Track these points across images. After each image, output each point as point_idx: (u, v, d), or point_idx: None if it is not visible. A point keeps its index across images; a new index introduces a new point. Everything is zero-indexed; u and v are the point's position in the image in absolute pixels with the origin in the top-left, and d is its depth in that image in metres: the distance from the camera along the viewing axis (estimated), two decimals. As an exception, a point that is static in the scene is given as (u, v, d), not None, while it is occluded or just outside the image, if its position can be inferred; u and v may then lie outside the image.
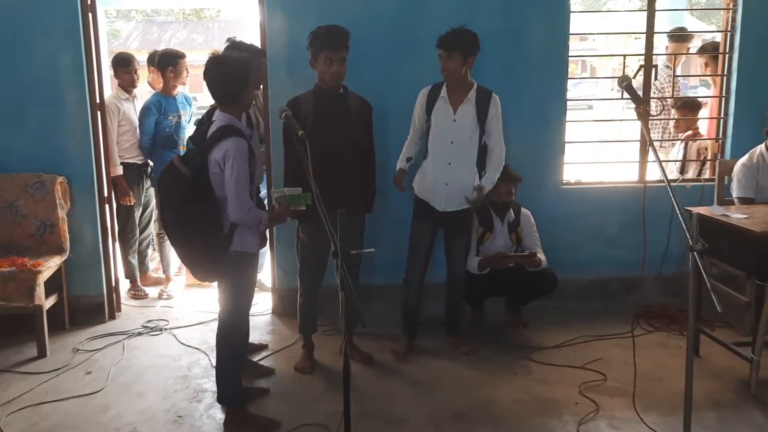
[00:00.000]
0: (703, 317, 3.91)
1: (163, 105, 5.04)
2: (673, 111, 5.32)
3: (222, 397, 3.31)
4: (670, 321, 4.41)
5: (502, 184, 4.14)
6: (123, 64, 5.06)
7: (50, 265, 4.16)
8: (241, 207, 2.93)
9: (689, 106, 5.23)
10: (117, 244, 4.85)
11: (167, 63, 5.06)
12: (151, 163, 5.20)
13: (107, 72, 5.05)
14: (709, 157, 5.05)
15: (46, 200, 4.29)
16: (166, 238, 5.18)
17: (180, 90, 5.21)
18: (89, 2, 4.35)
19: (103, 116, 4.56)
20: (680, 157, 5.19)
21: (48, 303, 4.17)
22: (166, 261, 5.32)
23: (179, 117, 5.09)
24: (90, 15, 4.36)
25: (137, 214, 5.18)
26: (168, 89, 5.10)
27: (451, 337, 4.15)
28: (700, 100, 5.41)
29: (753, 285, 3.46)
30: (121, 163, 4.97)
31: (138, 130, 5.06)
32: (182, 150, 4.82)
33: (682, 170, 5.13)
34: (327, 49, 3.52)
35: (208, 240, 3.00)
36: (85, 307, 4.55)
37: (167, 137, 5.02)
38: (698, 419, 3.00)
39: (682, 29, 5.78)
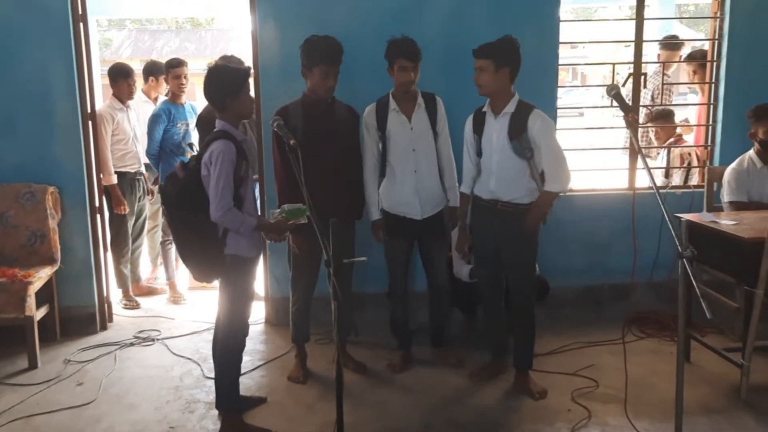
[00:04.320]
0: (694, 323, 3.93)
1: (172, 113, 5.13)
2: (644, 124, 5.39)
3: (219, 403, 3.32)
4: (661, 327, 4.43)
5: None
6: (123, 75, 5.09)
7: (41, 276, 4.14)
8: (220, 207, 2.97)
9: (662, 116, 5.28)
10: (108, 254, 4.83)
11: (166, 69, 5.23)
12: (145, 173, 5.25)
13: (99, 81, 5.06)
14: (693, 163, 5.10)
15: (37, 210, 4.28)
16: (170, 245, 5.24)
17: (186, 100, 5.32)
18: (80, 12, 4.36)
19: (94, 126, 4.56)
20: (664, 164, 5.24)
21: (39, 314, 4.15)
22: (171, 268, 5.36)
23: (187, 125, 5.18)
24: (81, 24, 4.36)
25: (130, 223, 5.18)
26: (173, 97, 5.21)
27: (437, 349, 4.13)
28: (672, 108, 5.46)
29: (742, 291, 3.48)
30: (115, 172, 4.98)
31: (133, 140, 5.12)
32: (189, 157, 4.87)
33: (667, 175, 5.18)
34: (324, 63, 3.53)
35: (202, 241, 3.06)
36: (77, 317, 4.53)
37: (176, 144, 5.13)
38: (690, 425, 3.02)
39: (673, 37, 5.84)
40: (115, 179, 4.96)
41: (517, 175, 3.48)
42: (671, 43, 5.63)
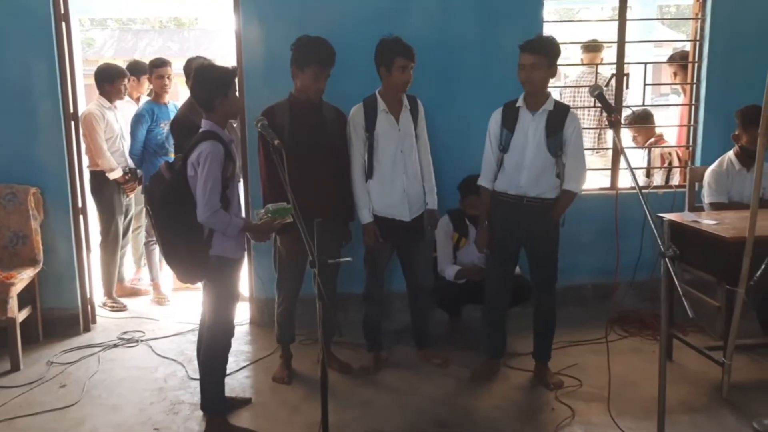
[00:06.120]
0: (676, 322, 3.97)
1: (155, 113, 5.11)
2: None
3: (205, 405, 3.31)
4: (643, 326, 4.47)
5: (475, 198, 4.17)
6: (109, 80, 5.05)
7: (23, 277, 4.10)
8: (207, 208, 2.96)
9: (641, 118, 5.33)
10: (91, 255, 4.78)
11: (150, 69, 5.21)
12: (140, 171, 5.20)
13: (82, 81, 5.02)
14: (674, 163, 5.15)
15: (19, 211, 4.23)
16: (154, 246, 5.20)
17: (169, 99, 5.29)
18: (62, 11, 4.32)
19: (77, 126, 4.52)
20: (644, 164, 5.29)
21: (21, 315, 4.11)
22: (155, 269, 5.34)
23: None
24: (63, 24, 4.33)
25: (120, 221, 5.15)
26: (156, 96, 5.19)
27: (422, 350, 4.12)
28: (650, 109, 5.52)
29: (724, 290, 3.53)
30: (100, 172, 4.96)
31: (119, 139, 5.11)
32: (172, 157, 4.83)
33: (648, 175, 5.23)
34: (318, 64, 3.51)
35: (188, 243, 3.05)
36: (59, 319, 4.49)
37: (159, 145, 5.11)
38: (672, 423, 3.05)
39: (594, 40, 5.89)
40: (120, 172, 5.00)
41: (547, 171, 3.58)
42: (592, 45, 5.71)
